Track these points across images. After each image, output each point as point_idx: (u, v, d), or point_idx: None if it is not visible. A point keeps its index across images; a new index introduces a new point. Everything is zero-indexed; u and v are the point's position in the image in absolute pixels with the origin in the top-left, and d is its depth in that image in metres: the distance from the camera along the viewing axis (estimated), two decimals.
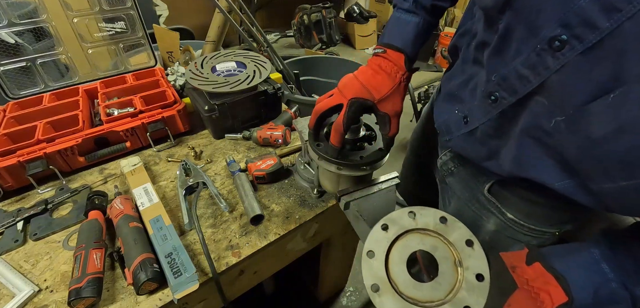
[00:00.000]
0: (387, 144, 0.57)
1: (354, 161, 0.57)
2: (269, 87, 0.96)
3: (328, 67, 2.14)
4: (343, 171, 0.58)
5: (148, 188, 0.72)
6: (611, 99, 0.29)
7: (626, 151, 0.29)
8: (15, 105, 0.92)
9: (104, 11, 1.08)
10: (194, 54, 1.42)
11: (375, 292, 0.39)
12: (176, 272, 0.55)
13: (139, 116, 0.88)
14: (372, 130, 0.64)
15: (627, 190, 0.30)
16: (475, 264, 0.40)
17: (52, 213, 0.71)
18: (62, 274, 0.60)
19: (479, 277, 0.39)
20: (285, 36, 3.90)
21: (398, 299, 0.38)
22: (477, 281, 0.38)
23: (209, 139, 0.96)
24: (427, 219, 0.45)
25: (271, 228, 0.69)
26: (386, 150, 0.58)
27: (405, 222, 0.45)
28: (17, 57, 0.97)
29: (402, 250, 0.43)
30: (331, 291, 1.36)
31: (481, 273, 0.39)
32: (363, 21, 3.68)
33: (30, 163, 0.74)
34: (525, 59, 0.36)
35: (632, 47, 0.27)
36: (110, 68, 1.15)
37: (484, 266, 0.39)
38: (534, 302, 0.37)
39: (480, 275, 0.39)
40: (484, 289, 0.38)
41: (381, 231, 0.44)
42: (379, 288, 0.39)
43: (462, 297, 0.37)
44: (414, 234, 0.44)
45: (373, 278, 0.40)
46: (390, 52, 0.53)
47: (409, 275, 0.40)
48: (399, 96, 0.53)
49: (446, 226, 0.44)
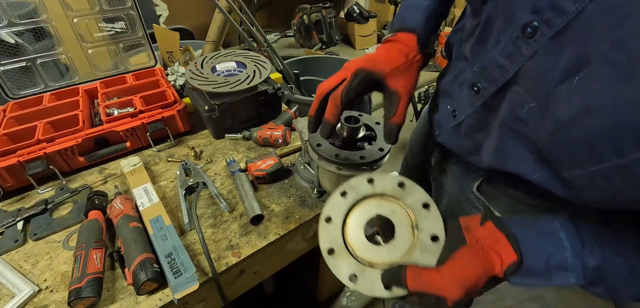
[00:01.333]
0: (389, 133, 0.47)
1: (354, 161, 0.57)
2: (269, 87, 0.96)
3: (328, 67, 2.14)
4: (343, 171, 0.58)
5: (148, 188, 0.72)
6: (577, 81, 0.30)
7: (592, 133, 0.29)
8: (15, 105, 0.92)
9: (104, 11, 1.08)
10: (194, 54, 1.43)
11: (330, 254, 0.39)
12: (176, 272, 0.55)
13: (139, 116, 0.88)
14: (372, 130, 0.64)
15: (595, 176, 0.30)
16: (430, 225, 0.40)
17: (52, 213, 0.71)
18: (62, 274, 0.60)
19: (434, 238, 0.39)
20: (285, 36, 3.90)
21: (353, 261, 0.38)
22: (431, 242, 0.39)
23: (209, 139, 0.96)
24: (385, 184, 0.44)
25: (271, 228, 0.69)
26: (389, 138, 0.48)
27: (363, 188, 0.44)
28: (17, 57, 0.97)
29: (360, 216, 0.42)
30: (331, 291, 1.36)
31: (436, 234, 0.39)
32: (363, 21, 3.68)
33: (30, 163, 0.74)
34: (503, 48, 0.37)
35: (595, 29, 0.28)
36: (110, 68, 1.15)
37: (439, 228, 0.39)
38: (482, 261, 0.35)
39: (435, 236, 0.39)
40: (438, 250, 0.38)
41: (340, 198, 0.44)
42: (334, 251, 0.39)
43: (415, 258, 0.38)
44: (373, 199, 0.44)
45: (329, 243, 0.40)
46: (400, 35, 0.51)
47: (366, 239, 0.40)
48: (411, 74, 0.49)
49: (404, 191, 0.43)
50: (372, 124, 0.65)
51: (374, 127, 0.64)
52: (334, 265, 0.39)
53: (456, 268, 0.35)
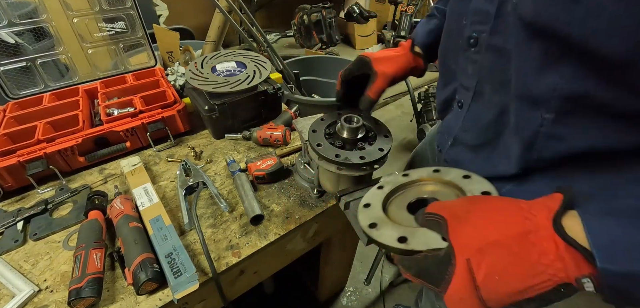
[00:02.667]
0: (362, 103, 0.57)
1: (354, 161, 0.57)
2: (269, 87, 0.96)
3: (328, 67, 2.14)
4: (343, 171, 0.58)
5: (148, 188, 0.72)
6: None
7: None
8: (15, 105, 0.92)
9: (104, 11, 1.08)
10: (194, 54, 1.42)
11: (372, 227, 0.36)
12: (176, 272, 0.55)
13: (139, 116, 0.88)
14: (372, 130, 0.64)
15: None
16: (477, 187, 0.37)
17: (52, 213, 0.71)
18: (62, 274, 0.60)
19: (486, 194, 0.36)
20: (285, 36, 3.90)
21: (398, 227, 0.36)
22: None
23: (209, 139, 0.96)
24: (421, 173, 0.43)
25: (271, 228, 0.69)
26: (362, 106, 0.57)
27: (399, 179, 0.44)
28: (17, 57, 0.97)
29: (401, 200, 0.40)
30: (331, 291, 1.36)
31: (487, 190, 0.36)
32: (363, 21, 3.68)
33: (30, 163, 0.74)
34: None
35: None
36: (110, 68, 1.15)
37: (488, 186, 0.36)
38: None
39: (486, 192, 0.36)
40: None
41: (376, 190, 0.43)
42: (377, 224, 0.37)
43: None
44: (410, 187, 0.43)
45: (370, 219, 0.37)
46: (402, 41, 0.63)
47: (409, 213, 0.38)
48: (395, 64, 0.58)
49: (441, 174, 0.42)
50: (372, 125, 0.65)
51: (374, 127, 0.64)
52: (378, 235, 0.36)
53: None
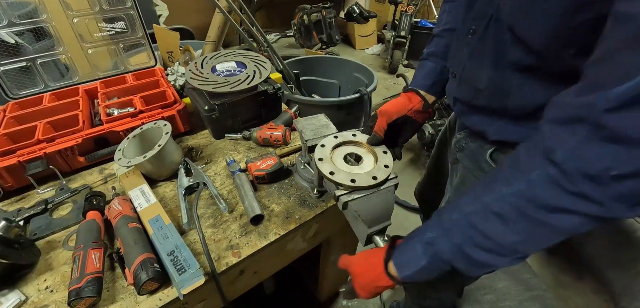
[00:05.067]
0: (370, 141, 0.67)
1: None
2: (269, 87, 0.96)
3: (328, 67, 2.14)
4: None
5: (144, 189, 0.71)
6: None
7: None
8: (15, 105, 0.92)
9: (104, 11, 1.08)
10: (194, 54, 1.42)
11: (320, 161, 0.60)
12: (180, 269, 0.55)
13: (139, 116, 0.88)
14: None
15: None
16: (384, 160, 0.62)
17: (52, 213, 0.71)
18: (62, 274, 0.60)
19: (386, 166, 0.61)
20: (285, 36, 3.90)
21: (332, 165, 0.60)
22: (384, 168, 0.60)
23: (209, 139, 0.96)
24: (363, 138, 0.67)
25: (271, 228, 0.69)
26: (369, 140, 0.67)
27: (348, 136, 0.68)
28: (17, 57, 0.97)
29: (344, 150, 0.66)
30: (331, 291, 1.36)
31: (387, 164, 0.61)
32: (363, 21, 3.68)
33: (30, 163, 0.74)
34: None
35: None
36: (110, 68, 1.15)
37: (390, 161, 0.62)
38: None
39: (386, 165, 0.61)
40: (387, 171, 0.59)
41: (332, 138, 0.67)
42: (323, 159, 0.61)
43: (370, 171, 0.59)
44: (353, 145, 0.67)
45: (320, 154, 0.62)
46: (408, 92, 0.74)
47: (343, 160, 0.63)
48: (394, 105, 0.69)
49: (357, 137, 0.68)
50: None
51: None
52: (320, 166, 0.59)
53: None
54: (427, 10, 3.72)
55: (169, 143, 0.77)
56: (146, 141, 0.82)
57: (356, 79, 2.00)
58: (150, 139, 0.81)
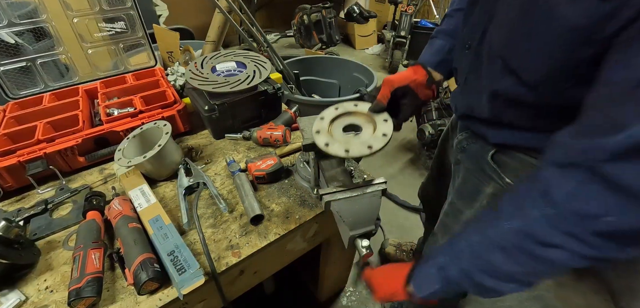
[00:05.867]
0: (373, 108, 0.65)
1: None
2: (269, 87, 0.96)
3: (328, 67, 2.14)
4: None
5: (144, 189, 0.71)
6: None
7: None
8: (15, 105, 0.92)
9: (104, 11, 1.08)
10: (194, 54, 1.42)
11: (317, 133, 0.57)
12: (180, 269, 0.55)
13: (139, 116, 0.88)
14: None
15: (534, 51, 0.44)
16: (383, 129, 0.57)
17: (52, 213, 0.71)
18: (62, 274, 0.60)
19: (384, 135, 0.56)
20: (285, 36, 3.90)
21: (328, 137, 0.56)
22: (382, 136, 0.56)
23: (209, 139, 0.96)
24: (364, 108, 0.63)
25: (271, 228, 0.69)
26: (372, 107, 0.65)
27: (349, 107, 0.63)
28: (17, 57, 0.97)
29: (342, 121, 0.61)
30: (331, 291, 1.36)
31: (385, 132, 0.56)
32: (363, 21, 3.67)
33: (30, 163, 0.74)
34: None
35: None
36: (110, 68, 1.15)
37: (389, 129, 0.57)
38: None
39: (384, 133, 0.56)
40: (384, 140, 0.55)
41: (333, 110, 0.63)
42: (320, 132, 0.57)
43: (366, 140, 0.56)
44: (353, 115, 0.63)
45: (318, 127, 0.59)
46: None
47: (342, 131, 0.59)
48: (398, 76, 0.67)
49: (358, 107, 0.63)
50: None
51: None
52: (317, 138, 0.56)
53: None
54: (427, 10, 3.72)
55: (169, 143, 0.77)
56: (146, 141, 0.82)
57: (356, 79, 2.00)
58: (150, 139, 0.81)
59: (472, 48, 0.58)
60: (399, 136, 2.38)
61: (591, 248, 0.35)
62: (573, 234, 0.36)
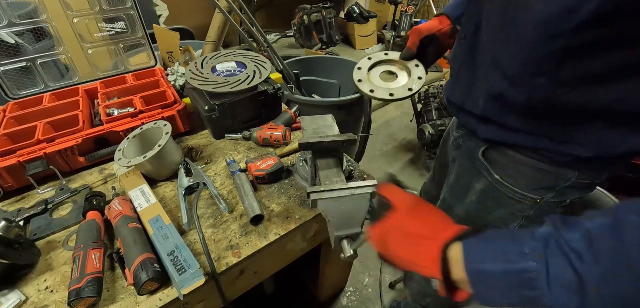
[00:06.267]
0: (403, 55, 0.72)
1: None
2: (269, 87, 0.96)
3: (328, 67, 2.14)
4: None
5: (144, 189, 0.71)
6: None
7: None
8: (15, 105, 0.92)
9: (104, 11, 1.08)
10: (194, 54, 1.42)
11: (359, 82, 0.69)
12: (180, 269, 0.55)
13: (139, 116, 0.88)
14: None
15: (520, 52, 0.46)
16: (417, 73, 0.68)
17: (52, 213, 0.71)
18: (62, 274, 0.60)
19: (419, 77, 0.67)
20: (285, 36, 3.90)
21: (371, 84, 0.69)
22: (418, 79, 0.67)
23: (209, 139, 0.96)
24: (394, 56, 0.73)
25: (271, 228, 0.69)
26: (402, 54, 0.72)
27: (381, 56, 0.74)
28: (17, 57, 0.97)
29: (378, 69, 0.72)
30: (331, 291, 1.36)
31: (420, 76, 0.68)
32: (363, 21, 3.67)
33: (30, 163, 0.74)
34: None
35: None
36: (110, 68, 1.15)
37: (422, 72, 0.68)
38: None
39: (419, 76, 0.68)
40: (420, 82, 0.67)
41: (366, 60, 0.73)
42: (362, 80, 0.69)
43: (405, 83, 0.68)
44: (386, 64, 0.73)
45: (359, 76, 0.70)
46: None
47: (379, 77, 0.70)
48: (427, 26, 0.72)
49: (390, 55, 0.74)
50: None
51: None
52: (361, 86, 0.68)
53: None
54: (427, 10, 3.72)
55: (169, 143, 0.77)
56: (146, 141, 0.82)
57: None
58: (150, 139, 0.81)
59: (466, 39, 0.59)
60: (399, 136, 2.38)
61: None
62: None
